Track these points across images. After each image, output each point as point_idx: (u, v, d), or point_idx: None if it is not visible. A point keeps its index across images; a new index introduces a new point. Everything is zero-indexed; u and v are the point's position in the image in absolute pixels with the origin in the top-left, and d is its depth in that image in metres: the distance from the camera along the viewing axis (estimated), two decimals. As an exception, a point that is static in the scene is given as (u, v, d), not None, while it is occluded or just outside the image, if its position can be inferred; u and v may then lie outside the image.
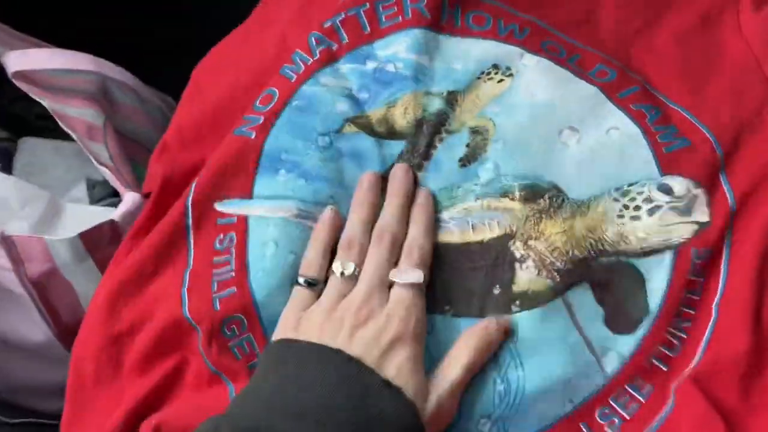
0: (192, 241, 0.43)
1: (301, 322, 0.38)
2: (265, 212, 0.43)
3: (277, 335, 0.39)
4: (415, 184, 0.43)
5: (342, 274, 0.40)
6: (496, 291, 0.40)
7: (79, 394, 0.42)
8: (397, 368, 0.36)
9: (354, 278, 0.39)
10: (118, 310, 0.43)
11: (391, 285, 0.39)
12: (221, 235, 0.43)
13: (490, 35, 0.46)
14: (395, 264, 0.40)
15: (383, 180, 0.43)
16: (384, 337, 0.37)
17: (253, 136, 0.45)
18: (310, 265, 0.41)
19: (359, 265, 0.40)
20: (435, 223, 0.42)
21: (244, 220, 0.43)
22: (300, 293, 0.40)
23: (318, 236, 0.41)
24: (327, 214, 0.42)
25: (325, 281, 0.40)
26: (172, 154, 0.48)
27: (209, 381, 0.41)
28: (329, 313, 0.38)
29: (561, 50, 0.46)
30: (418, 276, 0.39)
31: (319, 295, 0.40)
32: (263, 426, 0.32)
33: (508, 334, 0.39)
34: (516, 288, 0.40)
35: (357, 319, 0.37)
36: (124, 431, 0.39)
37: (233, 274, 0.41)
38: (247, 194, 0.43)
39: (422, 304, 0.39)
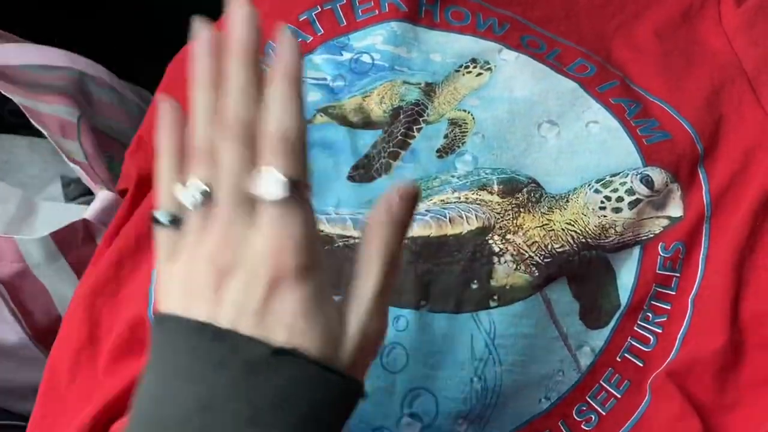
0: None
1: (168, 285, 0.28)
2: None
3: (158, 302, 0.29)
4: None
5: (195, 204, 0.27)
6: (474, 286, 0.39)
7: (51, 393, 0.42)
8: (290, 320, 0.26)
9: (211, 200, 0.27)
10: (97, 309, 0.43)
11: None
12: None
13: (468, 30, 0.46)
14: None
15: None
16: (257, 285, 0.26)
17: None
18: (162, 193, 0.29)
19: (212, 179, 0.27)
20: None
21: None
22: (162, 238, 0.28)
23: (162, 148, 0.29)
24: (164, 108, 0.30)
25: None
26: (147, 151, 0.48)
27: None
28: (189, 269, 0.27)
29: (541, 45, 0.46)
30: (283, 186, 0.26)
31: None
32: None
33: (419, 197, 0.29)
34: (494, 283, 0.39)
35: (218, 270, 0.26)
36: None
37: None
38: None
39: (304, 219, 0.27)
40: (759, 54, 0.44)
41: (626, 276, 0.40)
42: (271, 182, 0.26)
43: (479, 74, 0.45)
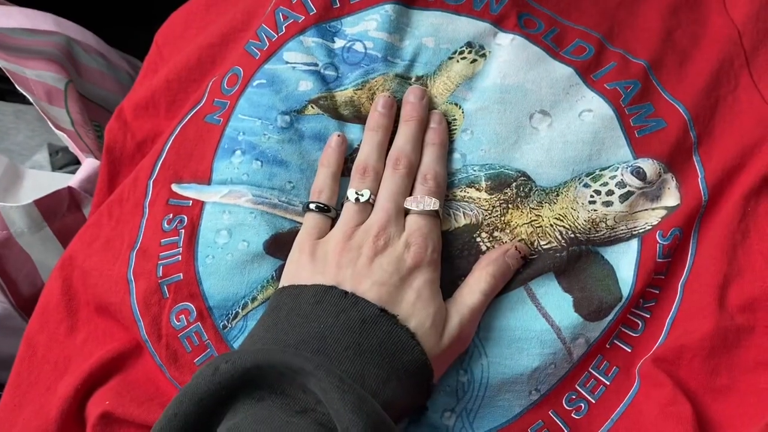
0: (145, 221, 0.42)
1: (317, 248, 0.38)
2: (220, 199, 0.41)
3: (291, 262, 0.39)
4: (430, 108, 0.43)
5: (357, 200, 0.39)
6: (461, 282, 0.39)
7: (27, 362, 0.42)
8: (417, 293, 0.36)
9: (369, 205, 0.39)
10: (75, 285, 0.42)
11: (406, 212, 0.39)
12: (170, 215, 0.42)
13: (465, 10, 0.44)
14: (410, 191, 0.40)
15: (398, 105, 0.43)
16: (403, 264, 0.37)
17: (221, 123, 0.44)
18: (321, 190, 0.40)
19: (374, 192, 0.40)
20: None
21: (200, 206, 0.42)
22: (313, 219, 0.39)
23: (326, 162, 0.41)
24: (334, 138, 0.42)
25: (336, 208, 0.40)
26: (124, 123, 0.47)
27: (159, 370, 0.40)
28: (347, 241, 0.38)
29: (539, 24, 0.45)
30: (434, 204, 0.39)
31: (332, 223, 0.40)
32: (262, 360, 0.31)
33: (526, 259, 0.39)
34: None
35: (376, 246, 0.37)
36: (73, 404, 0.39)
37: (179, 257, 0.41)
38: (206, 179, 0.42)
39: (438, 232, 0.39)
40: (759, 29, 0.43)
41: (626, 270, 0.39)
42: (425, 200, 0.39)
43: (474, 60, 0.44)
